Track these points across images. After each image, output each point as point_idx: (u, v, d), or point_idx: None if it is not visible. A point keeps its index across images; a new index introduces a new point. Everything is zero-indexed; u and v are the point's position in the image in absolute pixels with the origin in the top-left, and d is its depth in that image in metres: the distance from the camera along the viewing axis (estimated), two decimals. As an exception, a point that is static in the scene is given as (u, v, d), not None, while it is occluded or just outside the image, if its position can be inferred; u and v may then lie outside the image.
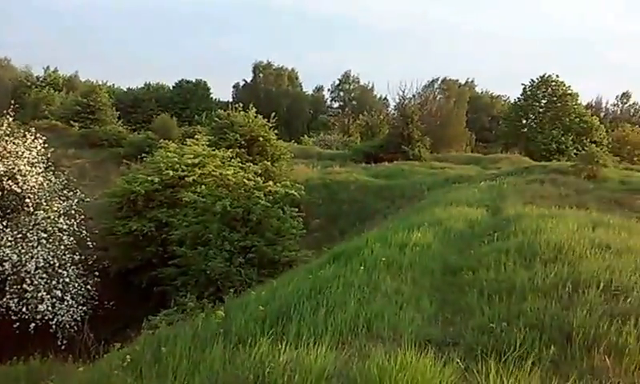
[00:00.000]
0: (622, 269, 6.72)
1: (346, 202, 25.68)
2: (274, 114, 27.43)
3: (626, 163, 35.64)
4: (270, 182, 18.60)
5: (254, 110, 26.44)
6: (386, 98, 68.60)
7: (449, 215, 12.69)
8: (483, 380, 4.07)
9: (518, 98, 54.28)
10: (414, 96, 52.88)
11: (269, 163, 22.93)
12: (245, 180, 18.17)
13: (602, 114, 64.07)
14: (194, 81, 70.08)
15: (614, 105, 72.97)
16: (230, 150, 22.42)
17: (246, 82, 79.31)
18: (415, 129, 39.45)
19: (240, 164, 20.66)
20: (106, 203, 21.23)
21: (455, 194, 18.51)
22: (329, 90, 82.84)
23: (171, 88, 70.18)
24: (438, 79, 62.62)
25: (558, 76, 51.55)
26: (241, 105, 27.05)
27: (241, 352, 4.86)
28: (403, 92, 50.83)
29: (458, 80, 68.39)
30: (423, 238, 9.66)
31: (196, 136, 22.87)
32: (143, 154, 24.29)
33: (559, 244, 8.01)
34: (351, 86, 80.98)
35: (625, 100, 73.09)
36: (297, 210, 18.08)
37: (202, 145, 21.47)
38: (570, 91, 50.70)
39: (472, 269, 7.52)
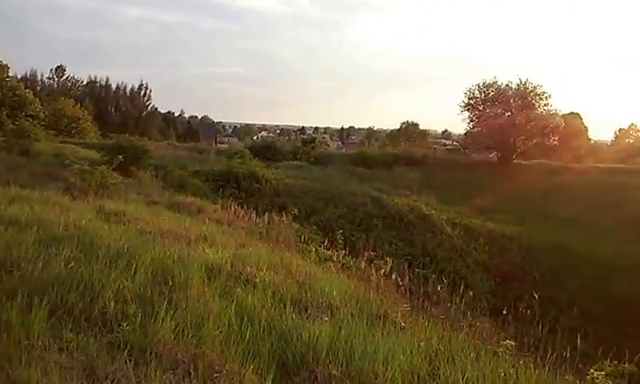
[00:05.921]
0: (22, 243, 6.73)
1: None
2: None
3: (63, 136, 36.79)
4: None
5: None
6: None
7: None
8: None
9: None
10: None
11: None
12: None
13: (38, 88, 63.29)
14: None
15: (50, 78, 72.76)
16: None
17: None
18: None
19: None
20: None
21: None
22: None
23: None
24: None
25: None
26: None
27: None
28: None
29: None
30: None
31: None
32: None
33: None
34: None
35: (60, 74, 73.94)
36: None
37: None
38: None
39: None
